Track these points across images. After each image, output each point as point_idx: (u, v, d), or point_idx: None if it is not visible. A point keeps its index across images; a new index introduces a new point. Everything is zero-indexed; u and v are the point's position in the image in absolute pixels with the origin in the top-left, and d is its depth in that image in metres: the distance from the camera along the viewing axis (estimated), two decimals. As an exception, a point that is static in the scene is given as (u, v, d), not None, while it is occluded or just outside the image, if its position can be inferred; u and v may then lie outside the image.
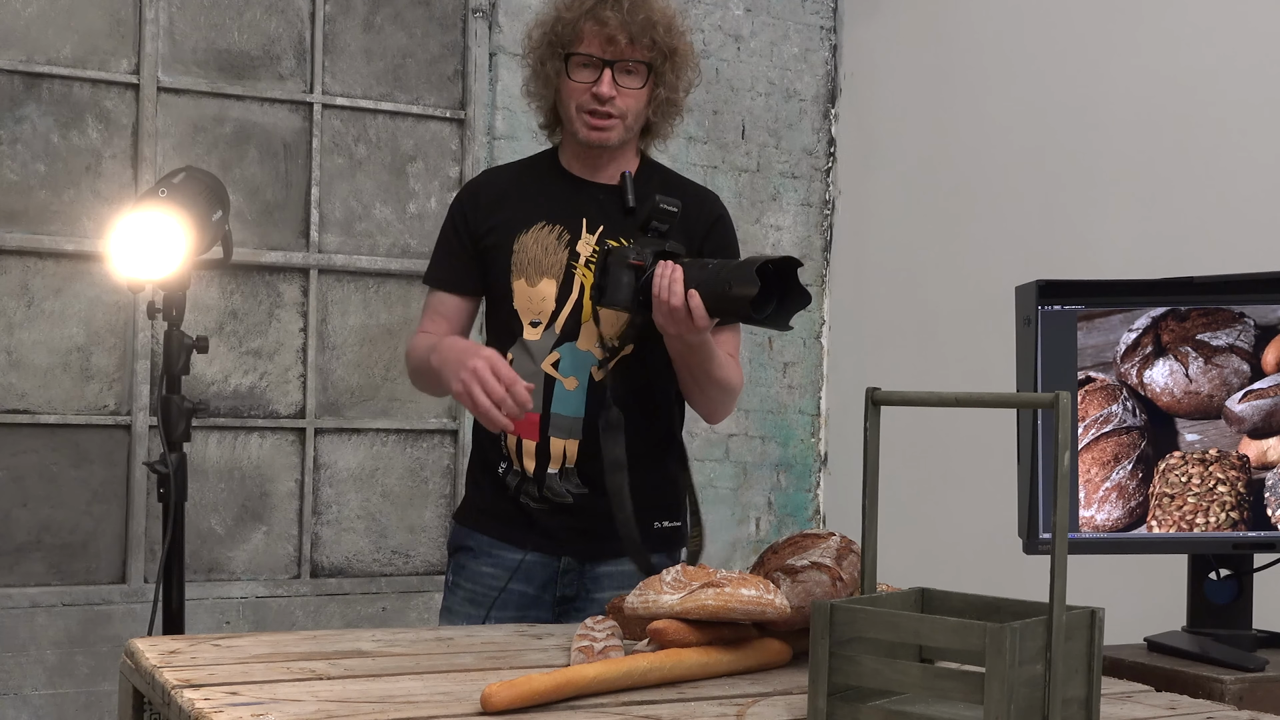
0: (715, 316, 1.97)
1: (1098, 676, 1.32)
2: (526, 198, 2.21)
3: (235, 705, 1.31)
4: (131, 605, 3.75)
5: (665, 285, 1.95)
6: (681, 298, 1.94)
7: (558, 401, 2.15)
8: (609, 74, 2.11)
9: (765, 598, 1.55)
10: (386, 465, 4.11)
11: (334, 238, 4.05)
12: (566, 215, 2.18)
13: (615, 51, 2.11)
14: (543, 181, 2.24)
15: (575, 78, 2.13)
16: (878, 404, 1.40)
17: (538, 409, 2.14)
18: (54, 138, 3.73)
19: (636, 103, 2.15)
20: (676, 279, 1.95)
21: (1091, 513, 1.99)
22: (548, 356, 2.15)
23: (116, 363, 3.81)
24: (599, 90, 2.12)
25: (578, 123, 2.15)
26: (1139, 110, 3.53)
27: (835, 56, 4.67)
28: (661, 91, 2.17)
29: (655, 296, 1.96)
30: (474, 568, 2.21)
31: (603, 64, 2.11)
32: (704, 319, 1.95)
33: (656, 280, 1.96)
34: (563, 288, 2.15)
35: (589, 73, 2.12)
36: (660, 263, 1.98)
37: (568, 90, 2.15)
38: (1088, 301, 2.01)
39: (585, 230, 2.18)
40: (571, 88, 2.14)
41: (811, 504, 4.65)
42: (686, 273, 1.96)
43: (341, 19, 4.06)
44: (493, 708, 1.32)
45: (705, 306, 1.94)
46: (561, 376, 2.15)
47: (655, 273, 1.97)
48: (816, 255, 4.67)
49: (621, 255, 2.01)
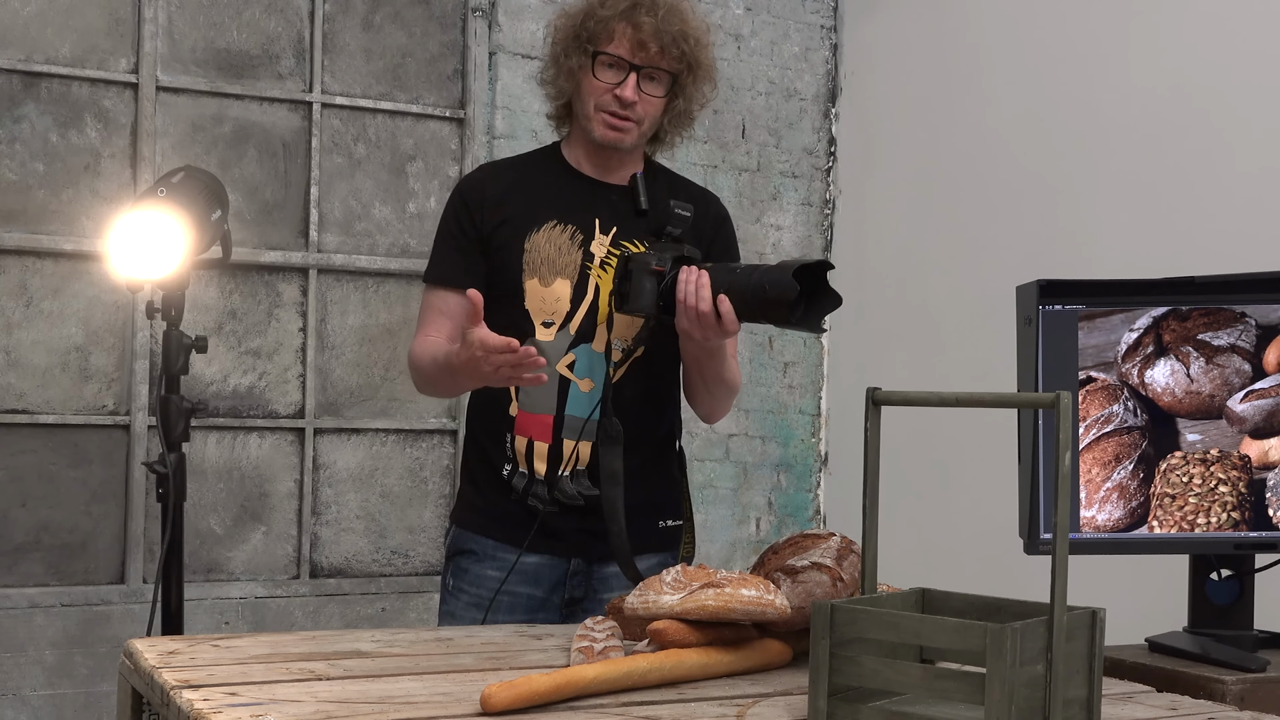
0: (746, 320, 1.96)
1: (1099, 677, 1.32)
2: (535, 194, 2.19)
3: (234, 706, 1.31)
4: (130, 606, 3.75)
5: (692, 290, 1.94)
6: (710, 303, 1.93)
7: (572, 403, 2.14)
8: (634, 78, 2.11)
9: (765, 598, 1.55)
10: (386, 465, 4.11)
11: (333, 237, 4.05)
12: (579, 215, 2.17)
13: (644, 57, 2.11)
14: (550, 178, 2.21)
15: (600, 77, 2.12)
16: (878, 404, 1.40)
17: (551, 410, 2.14)
18: (53, 137, 3.73)
19: (655, 110, 2.16)
20: (704, 284, 1.94)
21: (1092, 513, 1.99)
22: (563, 358, 2.14)
23: (115, 363, 3.81)
24: (623, 93, 2.11)
25: (595, 121, 2.14)
26: (1140, 109, 3.53)
27: (836, 56, 4.67)
28: (680, 103, 2.18)
29: (681, 302, 1.95)
30: (477, 571, 2.18)
31: (630, 67, 2.11)
32: (734, 323, 1.95)
33: (681, 285, 1.95)
34: (577, 288, 2.14)
35: (614, 74, 2.12)
36: (683, 268, 1.97)
37: (590, 87, 2.13)
38: (1089, 301, 2.01)
39: (599, 231, 2.17)
40: (594, 85, 2.13)
41: (812, 504, 4.65)
42: (713, 277, 1.95)
43: (341, 18, 4.06)
44: (492, 708, 1.32)
45: (735, 310, 1.93)
46: (576, 378, 2.14)
47: (679, 278, 1.96)
48: (817, 254, 4.66)
49: (643, 261, 2.00)
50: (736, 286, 1.93)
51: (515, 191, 2.20)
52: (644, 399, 2.16)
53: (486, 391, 2.17)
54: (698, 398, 2.22)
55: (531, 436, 2.15)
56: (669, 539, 2.23)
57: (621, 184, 2.20)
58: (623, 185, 2.20)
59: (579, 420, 2.13)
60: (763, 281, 1.90)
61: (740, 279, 1.93)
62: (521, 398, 2.15)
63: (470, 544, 2.20)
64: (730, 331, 1.97)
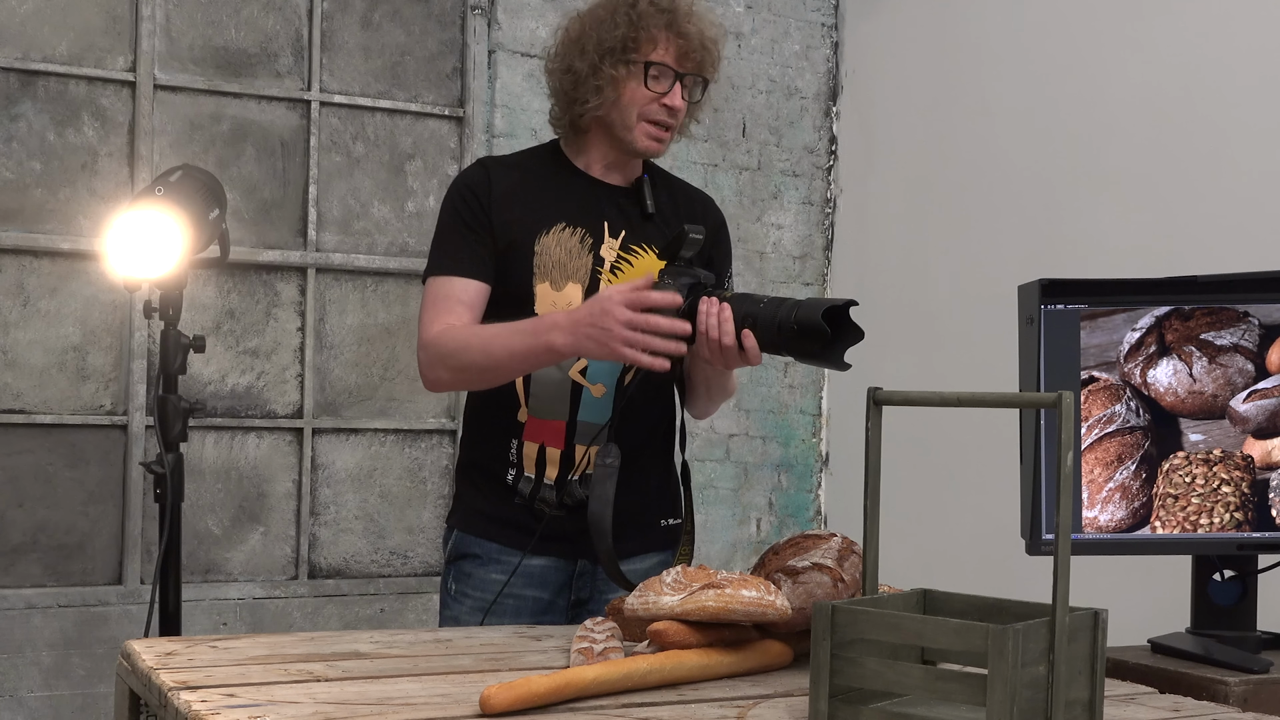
0: (768, 352, 1.94)
1: (1101, 678, 1.32)
2: (540, 195, 2.16)
3: (232, 707, 1.30)
4: (128, 606, 3.74)
5: (715, 325, 1.91)
6: (733, 336, 1.91)
7: (584, 409, 2.12)
8: (679, 87, 2.11)
9: (766, 599, 1.54)
10: (385, 465, 4.10)
11: (332, 236, 4.04)
12: (587, 218, 2.15)
13: (689, 65, 2.11)
14: (555, 179, 2.19)
15: (651, 87, 2.10)
16: (879, 404, 1.39)
17: (564, 416, 2.12)
18: (50, 136, 3.72)
19: (684, 117, 2.16)
20: (726, 318, 1.91)
21: (1095, 513, 1.98)
22: (575, 364, 2.11)
23: (113, 362, 3.80)
24: (672, 102, 2.10)
25: (637, 131, 2.12)
26: (1143, 107, 3.52)
27: (837, 54, 4.66)
28: (695, 107, 2.18)
29: (703, 334, 1.92)
30: (481, 575, 2.16)
31: (676, 75, 2.11)
32: (759, 357, 1.93)
33: (703, 318, 1.92)
34: (588, 293, 2.11)
35: (662, 84, 2.10)
36: (703, 299, 1.94)
37: (634, 96, 2.11)
38: (1091, 301, 2.00)
39: (608, 234, 2.15)
40: (642, 95, 2.10)
41: (813, 504, 4.64)
42: (734, 309, 1.93)
43: (339, 16, 4.05)
44: (492, 710, 1.32)
45: (760, 345, 1.91)
46: (589, 383, 2.13)
47: (700, 309, 1.93)
48: (818, 254, 4.66)
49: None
50: (762, 321, 1.91)
51: (520, 191, 2.16)
52: (651, 399, 2.16)
53: (491, 394, 2.14)
54: (695, 401, 2.21)
55: (544, 442, 2.12)
56: (671, 538, 2.23)
57: (623, 185, 2.19)
58: (624, 186, 2.19)
59: (592, 426, 2.11)
60: (790, 320, 1.88)
61: (765, 312, 1.91)
62: (532, 403, 2.13)
63: (474, 548, 2.18)
64: (753, 363, 1.94)
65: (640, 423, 2.13)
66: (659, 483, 2.21)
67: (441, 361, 2.09)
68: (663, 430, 2.22)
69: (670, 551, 2.21)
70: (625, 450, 2.03)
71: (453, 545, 2.22)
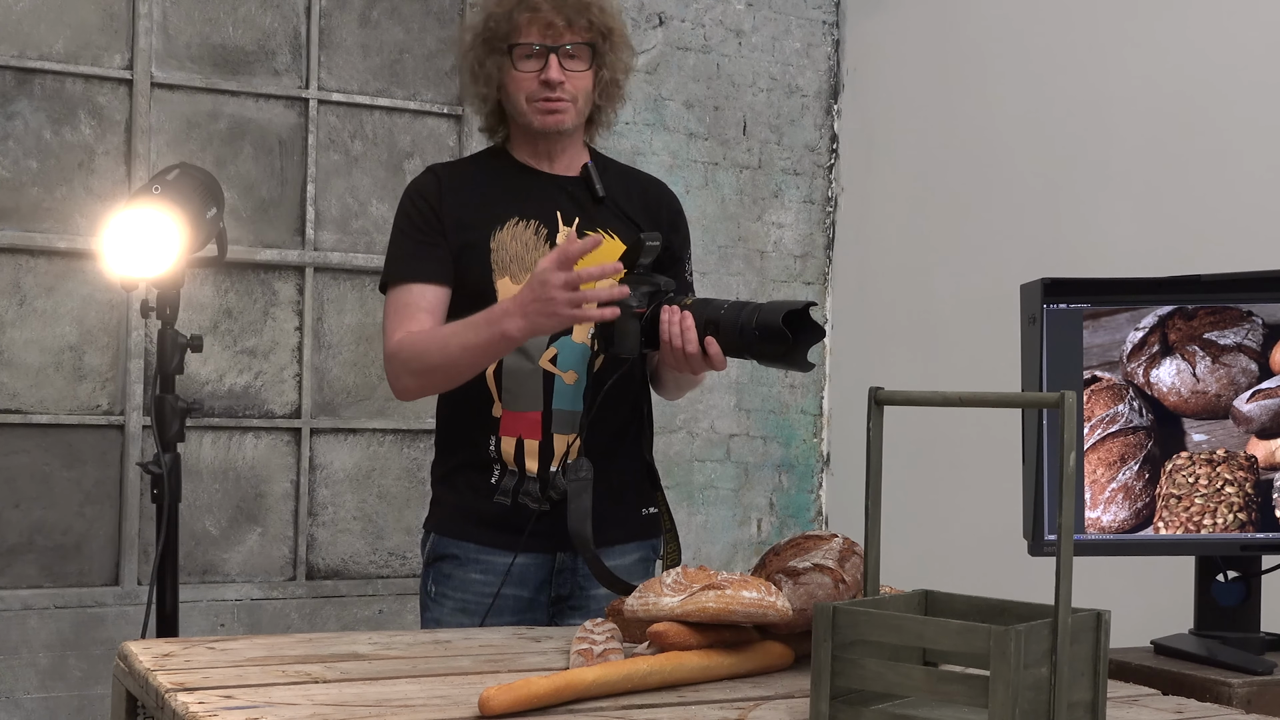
0: (732, 356, 1.97)
1: (1103, 680, 1.31)
2: (490, 194, 2.20)
3: (230, 709, 1.30)
4: (125, 607, 3.73)
5: (677, 333, 1.94)
6: (696, 344, 1.94)
7: (558, 397, 2.14)
8: (554, 59, 2.13)
9: (767, 600, 1.54)
10: (383, 466, 4.09)
11: (330, 235, 4.03)
12: (539, 210, 2.18)
13: (555, 36, 2.13)
14: (502, 177, 2.22)
15: (521, 69, 2.14)
16: (881, 404, 1.39)
17: (538, 407, 2.13)
18: (46, 134, 3.71)
19: (585, 85, 2.17)
20: (688, 326, 1.94)
21: (1097, 514, 1.97)
22: (544, 353, 2.13)
23: (109, 362, 3.79)
24: (548, 76, 2.13)
25: (530, 113, 2.15)
26: (1146, 105, 3.52)
27: (838, 51, 4.66)
28: (605, 73, 2.20)
29: (666, 343, 1.96)
30: (461, 576, 2.16)
31: (546, 51, 2.13)
32: (723, 362, 1.96)
33: (664, 327, 1.95)
34: None
35: (534, 62, 2.14)
36: (665, 308, 1.97)
37: (515, 83, 2.15)
38: (1093, 300, 2.00)
39: (561, 223, 2.18)
40: (519, 79, 2.14)
41: (814, 505, 4.63)
42: (695, 315, 1.96)
43: (337, 14, 4.04)
44: (491, 711, 1.31)
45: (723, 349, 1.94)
46: (560, 371, 2.14)
47: (662, 318, 1.96)
48: (819, 253, 4.65)
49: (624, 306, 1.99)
50: (724, 327, 1.94)
51: (469, 191, 2.21)
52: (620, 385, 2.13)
53: (462, 394, 2.16)
54: (665, 389, 2.28)
55: (521, 435, 2.14)
56: (653, 526, 2.23)
57: (572, 175, 2.22)
58: (574, 176, 2.22)
59: (567, 414, 2.13)
60: (751, 324, 1.91)
61: (727, 318, 1.94)
62: (505, 397, 2.15)
63: (452, 549, 2.18)
64: (718, 369, 1.98)
65: (614, 412, 2.14)
66: (635, 474, 2.20)
67: (405, 368, 2.13)
68: (635, 421, 2.23)
69: (651, 541, 2.22)
70: (599, 442, 2.06)
71: (430, 547, 2.22)
